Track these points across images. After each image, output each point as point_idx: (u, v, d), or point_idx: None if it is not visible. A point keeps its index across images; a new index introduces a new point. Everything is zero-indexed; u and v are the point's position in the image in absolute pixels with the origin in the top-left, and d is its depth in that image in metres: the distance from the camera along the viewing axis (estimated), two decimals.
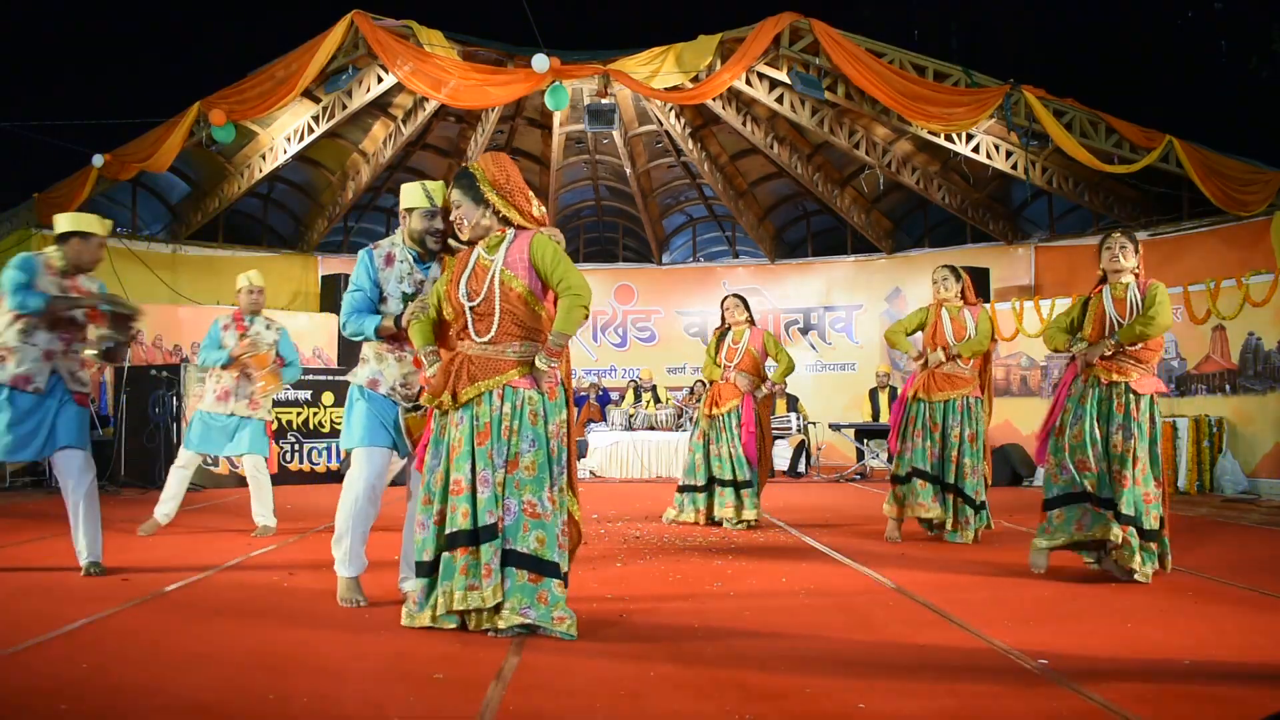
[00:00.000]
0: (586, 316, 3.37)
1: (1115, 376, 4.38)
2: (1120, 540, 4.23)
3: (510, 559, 3.21)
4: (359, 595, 3.77)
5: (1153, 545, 4.29)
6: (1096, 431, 4.38)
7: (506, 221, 3.41)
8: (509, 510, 3.23)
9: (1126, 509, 4.25)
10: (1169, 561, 4.41)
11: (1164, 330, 4.37)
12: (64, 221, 4.44)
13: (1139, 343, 4.35)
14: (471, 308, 3.33)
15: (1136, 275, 4.51)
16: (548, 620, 3.18)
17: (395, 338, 3.76)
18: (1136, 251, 4.50)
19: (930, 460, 5.68)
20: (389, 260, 3.78)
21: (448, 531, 3.26)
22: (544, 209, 3.50)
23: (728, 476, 6.55)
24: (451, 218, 3.44)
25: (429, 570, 3.32)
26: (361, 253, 3.82)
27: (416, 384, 3.82)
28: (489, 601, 3.17)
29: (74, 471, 4.39)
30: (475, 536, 3.21)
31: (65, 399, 4.41)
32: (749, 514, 6.45)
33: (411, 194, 3.76)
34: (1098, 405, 4.41)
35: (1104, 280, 4.56)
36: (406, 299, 3.74)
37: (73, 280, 4.43)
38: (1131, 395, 4.35)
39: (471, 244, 3.46)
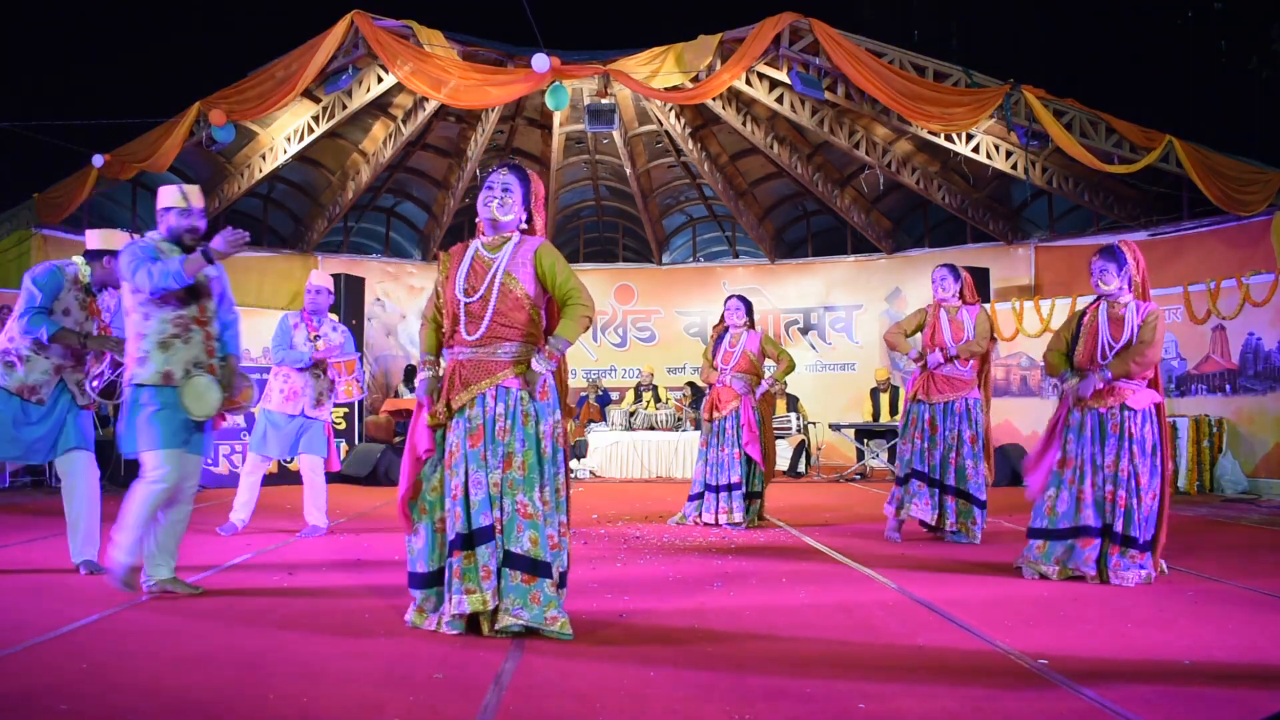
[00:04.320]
0: (587, 328, 3.39)
1: (1110, 401, 4.35)
2: (1108, 565, 4.24)
3: (506, 560, 3.21)
4: (135, 581, 3.89)
5: (1147, 555, 4.28)
6: (1097, 458, 4.36)
7: (522, 227, 3.46)
8: (505, 511, 3.23)
9: (1122, 529, 4.24)
10: (1163, 567, 4.40)
11: (1153, 365, 4.31)
12: (95, 239, 4.48)
13: (1127, 378, 4.32)
14: (466, 304, 3.33)
15: (1134, 291, 4.43)
16: (541, 621, 3.17)
17: (188, 318, 3.92)
18: (1122, 266, 4.37)
19: (928, 462, 5.68)
20: (161, 250, 3.93)
21: (448, 538, 3.26)
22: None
23: (723, 481, 6.55)
24: (491, 192, 3.42)
25: (423, 582, 3.33)
26: (132, 244, 3.91)
27: (206, 361, 3.99)
28: (488, 604, 3.17)
29: (77, 473, 4.41)
30: (470, 540, 3.21)
31: (73, 406, 4.45)
32: (738, 516, 6.45)
33: (170, 195, 4.00)
34: (1096, 431, 4.38)
35: (1101, 298, 4.50)
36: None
37: (95, 297, 4.48)
38: (1128, 413, 4.33)
39: (463, 241, 3.50)
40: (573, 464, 10.82)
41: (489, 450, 3.26)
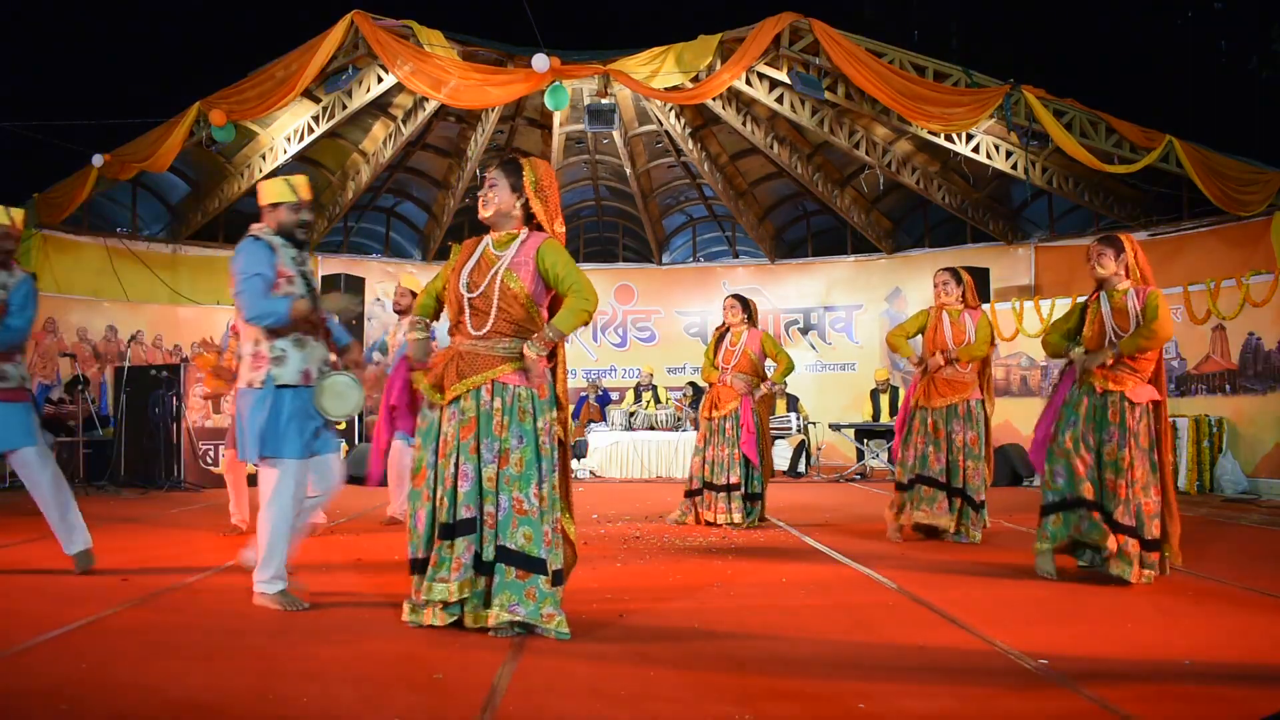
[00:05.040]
0: (587, 322, 3.38)
1: (1111, 386, 4.35)
2: (1116, 551, 4.21)
3: (500, 555, 3.22)
4: (299, 600, 3.69)
5: (1153, 555, 4.27)
6: (1090, 438, 4.35)
7: (528, 220, 3.45)
8: (500, 507, 3.24)
9: (1124, 519, 4.22)
10: (1168, 565, 4.39)
11: (1165, 341, 4.30)
12: None
13: (1139, 354, 4.32)
14: (469, 299, 3.35)
15: (1132, 278, 4.43)
16: (537, 617, 3.17)
17: (308, 321, 3.74)
18: (1120, 253, 4.39)
19: (934, 467, 5.67)
20: (274, 248, 3.75)
21: (436, 526, 3.29)
22: (564, 230, 3.51)
23: (721, 480, 6.55)
24: (481, 192, 3.45)
25: (422, 568, 3.32)
26: (250, 241, 3.73)
27: (330, 358, 3.87)
28: (454, 595, 3.20)
29: (30, 470, 4.30)
30: (451, 530, 3.24)
31: None
32: (737, 517, 6.45)
33: (276, 188, 3.81)
34: (1093, 412, 4.38)
35: (1100, 288, 4.50)
36: (305, 278, 3.78)
37: None
38: (1126, 404, 4.32)
39: (478, 235, 3.50)
40: (572, 464, 10.82)
41: (482, 444, 3.27)
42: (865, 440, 11.51)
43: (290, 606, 3.62)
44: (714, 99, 11.75)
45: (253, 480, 6.14)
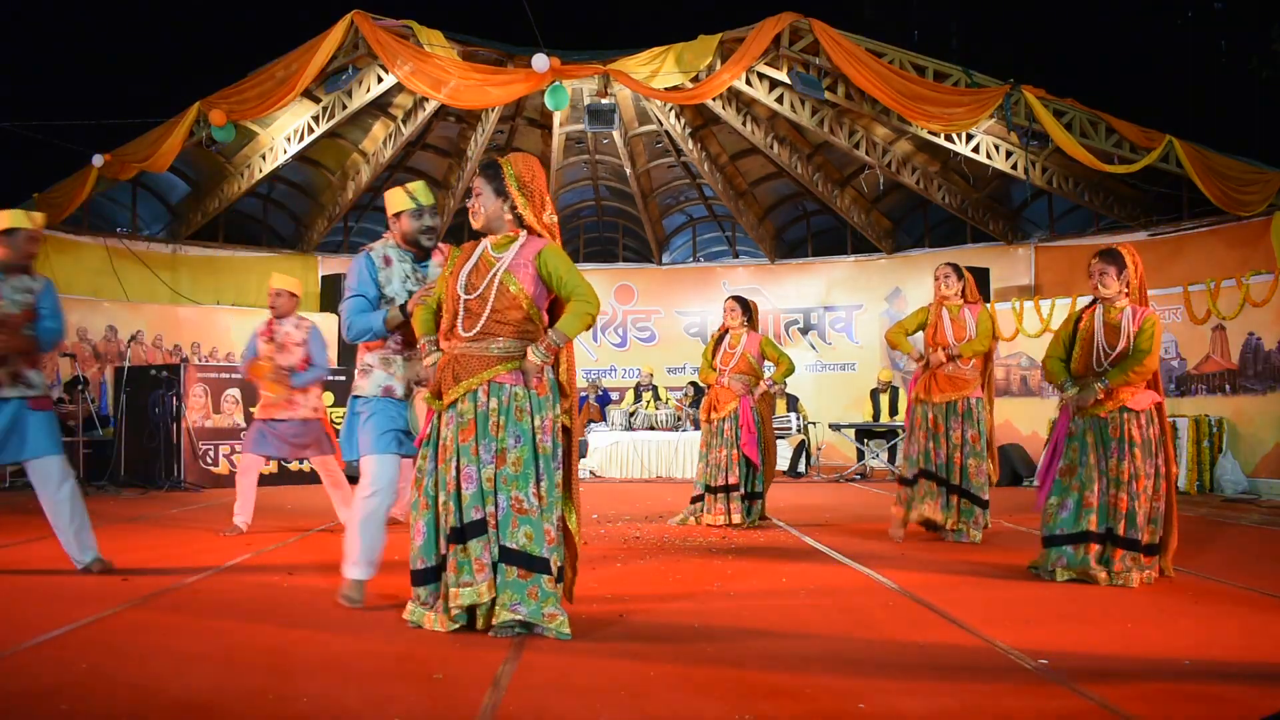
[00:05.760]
0: (590, 325, 3.38)
1: (1109, 405, 4.33)
2: (1109, 576, 4.22)
3: (502, 555, 3.21)
4: (359, 596, 3.75)
5: (1152, 558, 4.27)
6: (1101, 464, 4.34)
7: (519, 221, 3.42)
8: (499, 507, 3.24)
9: (1127, 533, 4.23)
10: (1168, 568, 4.38)
11: (1151, 373, 4.30)
12: (4, 219, 4.30)
13: (1124, 386, 4.30)
14: (466, 300, 3.33)
15: (1132, 296, 4.40)
16: (539, 617, 3.17)
17: (404, 336, 3.79)
18: (1122, 270, 4.37)
19: (935, 462, 5.67)
20: (387, 262, 3.80)
21: (445, 531, 3.28)
22: (555, 219, 3.50)
23: (721, 482, 6.55)
24: (469, 203, 3.46)
25: (424, 579, 3.32)
26: (360, 257, 3.83)
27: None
28: (484, 596, 3.18)
29: (52, 479, 4.33)
30: (462, 534, 3.23)
31: (21, 407, 4.27)
32: (736, 518, 6.44)
33: (396, 198, 3.85)
34: (1099, 436, 4.37)
35: (1098, 300, 4.48)
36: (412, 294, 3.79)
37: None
38: (1129, 414, 4.32)
39: (479, 237, 3.48)
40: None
41: (481, 445, 3.26)
42: (865, 440, 11.51)
43: (350, 600, 3.71)
44: (714, 99, 11.75)
45: (261, 480, 6.18)
